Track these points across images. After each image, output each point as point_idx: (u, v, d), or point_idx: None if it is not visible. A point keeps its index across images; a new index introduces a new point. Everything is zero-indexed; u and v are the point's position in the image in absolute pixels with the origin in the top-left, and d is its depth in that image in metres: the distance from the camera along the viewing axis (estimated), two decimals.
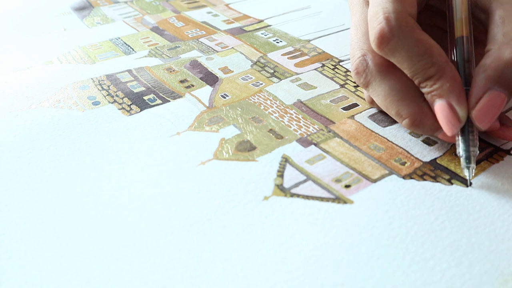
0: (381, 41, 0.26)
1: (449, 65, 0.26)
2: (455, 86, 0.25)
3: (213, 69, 0.37)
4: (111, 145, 0.29)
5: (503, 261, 0.21)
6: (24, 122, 0.31)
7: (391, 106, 0.27)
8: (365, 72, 0.28)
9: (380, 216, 0.23)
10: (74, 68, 0.37)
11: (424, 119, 0.26)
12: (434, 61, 0.25)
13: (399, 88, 0.27)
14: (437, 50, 0.26)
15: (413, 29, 0.26)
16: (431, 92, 0.26)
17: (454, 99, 0.25)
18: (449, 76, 0.25)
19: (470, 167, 0.25)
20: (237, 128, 0.30)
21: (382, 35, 0.26)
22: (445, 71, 0.25)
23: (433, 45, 0.26)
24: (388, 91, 0.27)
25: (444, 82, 0.25)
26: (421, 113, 0.26)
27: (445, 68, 0.25)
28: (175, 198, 0.25)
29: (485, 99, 0.25)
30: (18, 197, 0.25)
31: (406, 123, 0.27)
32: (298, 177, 0.26)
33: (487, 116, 0.25)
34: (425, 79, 0.26)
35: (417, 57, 0.25)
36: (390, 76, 0.27)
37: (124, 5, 0.50)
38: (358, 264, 0.21)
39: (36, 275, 0.21)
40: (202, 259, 0.21)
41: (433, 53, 0.25)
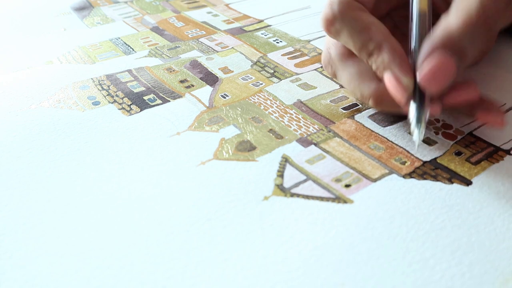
0: (327, 24, 0.28)
1: (388, 39, 0.27)
2: (394, 56, 0.26)
3: (213, 69, 0.37)
4: (111, 145, 0.29)
5: (503, 260, 0.21)
6: (24, 122, 0.31)
7: (355, 89, 0.29)
8: (329, 63, 0.31)
9: (380, 215, 0.23)
10: (74, 68, 0.37)
11: (385, 96, 0.27)
12: (372, 36, 0.27)
13: (358, 72, 0.29)
14: (375, 27, 0.27)
15: (353, 10, 0.27)
16: (377, 68, 0.27)
17: (396, 68, 0.26)
18: (387, 48, 0.26)
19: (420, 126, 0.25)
20: (237, 128, 0.30)
21: (326, 18, 0.28)
22: (383, 44, 0.26)
23: (372, 23, 0.27)
24: (349, 76, 0.29)
25: (384, 55, 0.26)
26: (381, 91, 0.27)
27: (382, 41, 0.26)
28: (175, 198, 0.25)
29: (429, 61, 0.25)
30: (18, 197, 0.25)
31: (371, 103, 0.28)
32: (298, 177, 0.26)
33: (433, 79, 0.25)
34: (368, 55, 0.27)
35: (357, 35, 0.27)
36: (349, 62, 0.29)
37: (124, 5, 0.50)
38: (358, 264, 0.21)
39: (36, 275, 0.21)
40: (202, 259, 0.21)
41: (370, 29, 0.27)
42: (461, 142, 0.28)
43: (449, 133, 0.29)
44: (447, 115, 0.31)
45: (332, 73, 0.31)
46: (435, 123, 0.30)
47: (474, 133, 0.29)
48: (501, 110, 0.27)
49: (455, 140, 0.29)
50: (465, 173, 0.26)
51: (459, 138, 0.29)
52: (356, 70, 0.29)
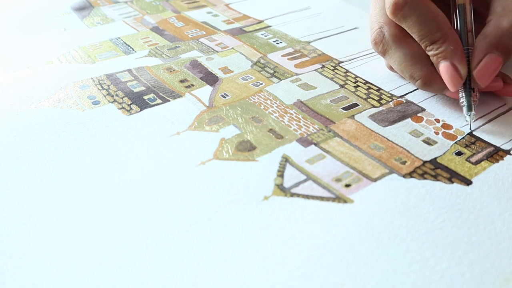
0: (395, 8, 0.30)
1: (452, 31, 0.30)
2: (457, 48, 0.30)
3: (213, 69, 0.37)
4: (111, 145, 0.28)
5: (503, 260, 0.21)
6: (24, 122, 0.31)
7: (405, 70, 0.32)
8: (382, 42, 0.33)
9: (381, 215, 0.23)
10: (74, 68, 0.37)
11: (433, 79, 0.31)
12: (440, 27, 0.30)
13: (411, 54, 0.32)
14: (442, 18, 0.30)
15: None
16: (437, 54, 0.30)
17: (456, 59, 0.30)
18: (452, 40, 0.30)
19: (471, 114, 0.29)
20: (237, 128, 0.30)
21: (396, 2, 0.30)
22: (449, 36, 0.30)
23: (439, 13, 0.30)
24: (402, 57, 0.32)
25: (447, 45, 0.30)
26: (431, 74, 0.31)
27: (448, 33, 0.30)
28: (175, 198, 0.25)
29: (485, 60, 0.29)
30: (18, 197, 0.25)
31: (419, 83, 0.32)
32: (298, 176, 0.26)
33: (486, 75, 0.29)
34: (431, 43, 0.30)
35: (425, 23, 0.30)
36: (403, 44, 0.32)
37: (124, 5, 0.50)
38: (358, 264, 0.21)
39: (36, 275, 0.21)
40: (202, 259, 0.21)
41: (438, 20, 0.30)
42: (461, 142, 0.28)
43: (449, 133, 0.29)
44: (447, 115, 0.31)
45: (383, 52, 0.33)
46: (435, 123, 0.30)
47: (474, 133, 0.29)
48: None
49: (455, 140, 0.29)
50: (465, 173, 0.26)
51: (459, 138, 0.29)
52: (409, 52, 0.32)
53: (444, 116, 0.31)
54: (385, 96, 0.33)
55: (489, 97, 0.33)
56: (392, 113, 0.31)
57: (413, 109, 0.32)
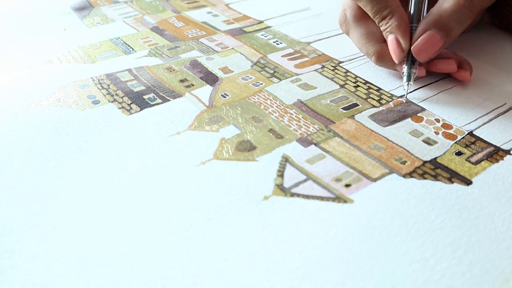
0: None
1: (399, 8, 0.33)
2: (401, 24, 0.33)
3: (213, 69, 0.37)
4: (111, 145, 0.28)
5: (503, 260, 0.21)
6: (24, 121, 0.31)
7: (362, 47, 0.36)
8: (345, 22, 0.37)
9: (381, 215, 0.23)
10: (74, 67, 0.37)
11: (385, 55, 0.34)
12: (388, 4, 0.33)
13: (367, 33, 0.35)
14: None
15: None
16: (385, 29, 0.33)
17: (400, 34, 0.33)
18: (397, 16, 0.33)
19: (409, 83, 0.32)
20: (237, 127, 0.30)
21: None
22: (395, 12, 0.33)
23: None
24: (360, 35, 0.36)
25: (393, 21, 0.33)
26: (383, 50, 0.34)
27: (395, 10, 0.33)
28: (175, 198, 0.25)
29: (422, 37, 0.32)
30: (18, 197, 0.25)
31: (373, 59, 0.35)
32: (298, 176, 0.26)
33: (424, 51, 0.32)
34: (381, 19, 0.34)
35: (375, 1, 0.33)
36: (361, 24, 0.36)
37: (124, 5, 0.50)
38: (358, 264, 0.21)
39: (36, 275, 0.21)
40: (202, 259, 0.21)
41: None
42: (461, 142, 0.28)
43: (449, 133, 0.29)
44: (447, 115, 0.31)
45: (346, 31, 0.38)
46: (435, 123, 0.30)
47: (474, 133, 0.29)
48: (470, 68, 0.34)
49: (455, 140, 0.29)
50: (465, 173, 0.26)
51: (459, 138, 0.29)
52: (366, 31, 0.35)
53: (444, 116, 0.31)
54: (385, 96, 0.33)
55: (489, 96, 0.33)
56: (392, 113, 0.31)
57: (413, 109, 0.32)
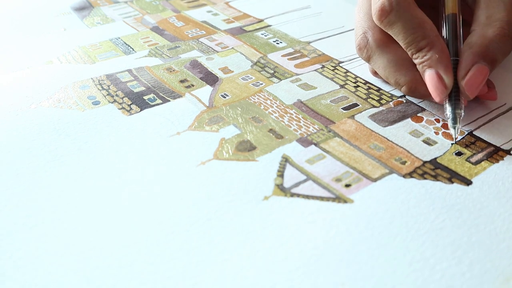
0: (381, 14, 0.30)
1: (439, 39, 0.30)
2: (443, 57, 0.29)
3: (213, 69, 0.37)
4: (111, 145, 0.28)
5: (503, 260, 0.21)
6: (24, 122, 0.31)
7: (390, 76, 0.32)
8: (366, 47, 0.32)
9: (381, 215, 0.23)
10: (74, 68, 0.37)
11: (419, 86, 0.30)
12: (426, 34, 0.29)
13: (396, 60, 0.31)
14: (429, 25, 0.30)
15: (410, 5, 0.30)
16: (422, 62, 0.29)
17: (442, 69, 0.29)
18: (438, 48, 0.29)
19: (456, 127, 0.28)
20: (237, 128, 0.30)
21: (382, 8, 0.30)
22: (435, 44, 0.29)
23: (426, 20, 0.30)
24: (386, 63, 0.32)
25: (433, 53, 0.29)
26: (416, 81, 0.30)
27: (434, 41, 0.29)
28: (175, 198, 0.25)
29: (472, 71, 0.29)
30: (18, 197, 0.25)
31: (404, 89, 0.31)
32: (298, 176, 0.26)
33: (474, 86, 0.29)
34: (417, 51, 0.30)
35: (411, 30, 0.29)
36: (388, 50, 0.32)
37: (124, 5, 0.50)
38: (358, 264, 0.21)
39: (36, 275, 0.21)
40: (202, 259, 0.21)
41: (425, 27, 0.29)
42: (461, 142, 0.28)
43: (449, 133, 0.29)
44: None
45: (367, 57, 0.33)
46: (435, 123, 0.30)
47: (474, 133, 0.29)
48: (493, 85, 0.32)
49: (455, 140, 0.29)
50: (465, 173, 0.26)
51: (459, 138, 0.29)
52: (394, 57, 0.31)
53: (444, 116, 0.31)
54: (385, 96, 0.33)
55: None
56: (392, 113, 0.31)
57: (413, 109, 0.32)
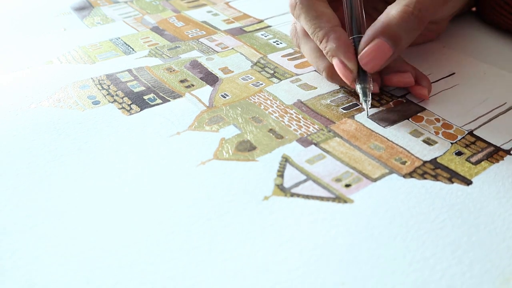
0: (290, 7, 0.33)
1: (335, 28, 0.31)
2: (340, 44, 0.30)
3: (213, 69, 0.37)
4: (111, 145, 0.28)
5: (504, 259, 0.21)
6: (24, 122, 0.31)
7: (313, 62, 0.34)
8: (295, 36, 0.35)
9: (381, 215, 0.23)
10: (74, 68, 0.37)
11: (335, 71, 0.31)
12: (322, 25, 0.31)
13: (316, 48, 0.33)
14: (326, 17, 0.31)
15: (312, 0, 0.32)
16: (326, 53, 0.31)
17: (342, 55, 0.30)
18: (334, 37, 0.30)
19: (366, 100, 0.30)
20: (237, 128, 0.30)
21: (290, 3, 0.33)
22: (330, 33, 0.30)
23: (325, 13, 0.31)
24: (310, 50, 0.34)
25: (331, 43, 0.30)
26: (333, 67, 0.31)
27: (329, 31, 0.31)
28: (175, 198, 0.25)
29: (370, 46, 0.29)
30: (18, 197, 0.25)
31: (324, 75, 0.33)
32: (298, 176, 0.26)
33: (372, 61, 0.29)
34: (319, 41, 0.31)
35: (310, 22, 0.31)
36: (309, 38, 0.33)
37: (124, 5, 0.50)
38: (358, 264, 0.21)
39: (36, 275, 0.21)
40: (202, 259, 0.21)
41: (322, 19, 0.31)
42: (461, 142, 0.28)
43: (449, 133, 0.29)
44: (447, 114, 0.31)
45: (297, 45, 0.36)
46: (435, 123, 0.30)
47: (474, 132, 0.29)
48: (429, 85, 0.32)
49: (455, 140, 0.29)
50: (465, 173, 0.26)
51: (459, 138, 0.29)
52: (315, 45, 0.33)
53: (445, 116, 0.31)
54: (385, 96, 0.33)
55: (489, 96, 0.33)
56: (392, 113, 0.31)
57: (413, 108, 0.32)
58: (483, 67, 0.37)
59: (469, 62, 0.37)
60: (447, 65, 0.37)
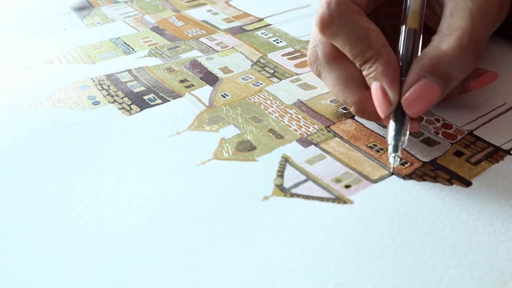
0: (323, 25, 0.27)
1: (386, 49, 0.26)
2: (388, 69, 0.26)
3: (213, 69, 0.37)
4: (111, 145, 0.29)
5: (503, 262, 0.21)
6: (24, 122, 0.31)
7: (338, 94, 0.29)
8: (316, 62, 0.30)
9: (380, 216, 0.23)
10: (74, 68, 0.37)
11: (367, 106, 0.27)
12: (372, 44, 0.26)
13: (344, 77, 0.28)
14: (375, 35, 0.26)
15: (353, 13, 0.27)
16: (369, 74, 0.26)
17: (386, 81, 0.25)
18: (384, 59, 0.26)
19: (396, 155, 0.25)
20: (237, 127, 0.30)
21: (323, 19, 0.27)
22: (381, 54, 0.26)
23: (372, 29, 0.27)
24: (335, 80, 0.29)
25: (378, 65, 0.26)
26: (364, 100, 0.27)
27: (381, 51, 0.26)
28: (175, 198, 0.25)
29: (416, 86, 0.25)
30: (18, 197, 0.25)
31: (352, 110, 0.28)
32: (298, 177, 0.26)
33: (417, 104, 0.25)
34: (363, 62, 0.27)
35: (355, 41, 0.26)
36: (337, 66, 0.29)
37: (124, 5, 0.50)
38: (358, 264, 0.21)
39: (36, 275, 0.21)
40: (202, 259, 0.21)
41: (370, 37, 0.26)
42: (461, 142, 0.28)
43: (449, 133, 0.29)
44: (447, 114, 0.31)
45: (317, 73, 0.30)
46: (435, 123, 0.30)
47: (474, 132, 0.29)
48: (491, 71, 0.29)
49: (455, 140, 0.29)
50: (465, 173, 0.26)
51: (459, 138, 0.29)
52: (342, 74, 0.28)
53: (445, 115, 0.31)
54: None
55: (489, 96, 0.33)
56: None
57: None
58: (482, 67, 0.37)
59: None
60: None
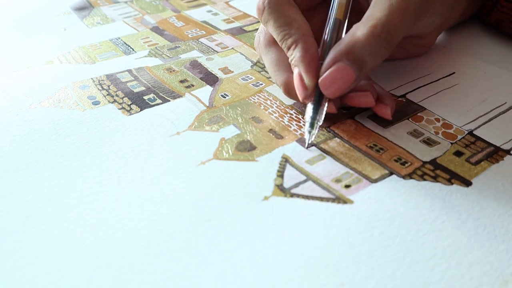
0: (258, 13, 0.31)
1: (306, 38, 0.28)
2: (306, 56, 0.27)
3: (213, 69, 0.37)
4: (111, 145, 0.29)
5: (503, 261, 0.21)
6: (24, 122, 0.31)
7: (272, 75, 0.31)
8: (258, 46, 0.33)
9: (380, 216, 0.23)
10: (74, 68, 0.37)
11: (292, 87, 0.29)
12: (292, 32, 0.29)
13: (277, 60, 0.31)
14: (297, 24, 0.29)
15: (282, 4, 0.30)
16: (291, 61, 0.29)
17: (302, 67, 0.27)
18: (302, 46, 0.28)
19: (311, 132, 0.27)
20: (237, 128, 0.30)
21: (258, 7, 0.31)
22: (300, 42, 0.28)
23: (295, 19, 0.29)
24: (270, 62, 0.31)
25: (297, 51, 0.28)
26: (290, 82, 0.29)
27: (300, 39, 0.28)
28: (175, 198, 0.25)
29: (332, 68, 0.27)
30: (18, 197, 0.25)
31: (282, 90, 0.30)
32: (298, 177, 0.26)
33: (332, 85, 0.27)
34: (287, 49, 0.29)
35: (279, 28, 0.29)
36: (273, 49, 0.31)
37: (124, 5, 0.50)
38: (358, 265, 0.21)
39: (36, 275, 0.21)
40: (202, 259, 0.21)
41: (292, 25, 0.29)
42: (461, 142, 0.28)
43: (449, 133, 0.29)
44: (447, 114, 0.31)
45: (260, 55, 0.34)
46: (435, 123, 0.30)
47: (474, 132, 0.29)
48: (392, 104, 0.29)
49: (455, 140, 0.29)
50: (465, 173, 0.26)
51: (459, 137, 0.29)
52: (275, 57, 0.31)
53: (444, 115, 0.31)
54: None
55: (489, 97, 0.33)
56: None
57: (413, 108, 0.32)
58: (483, 66, 0.37)
59: (469, 62, 0.37)
60: (447, 64, 0.37)
